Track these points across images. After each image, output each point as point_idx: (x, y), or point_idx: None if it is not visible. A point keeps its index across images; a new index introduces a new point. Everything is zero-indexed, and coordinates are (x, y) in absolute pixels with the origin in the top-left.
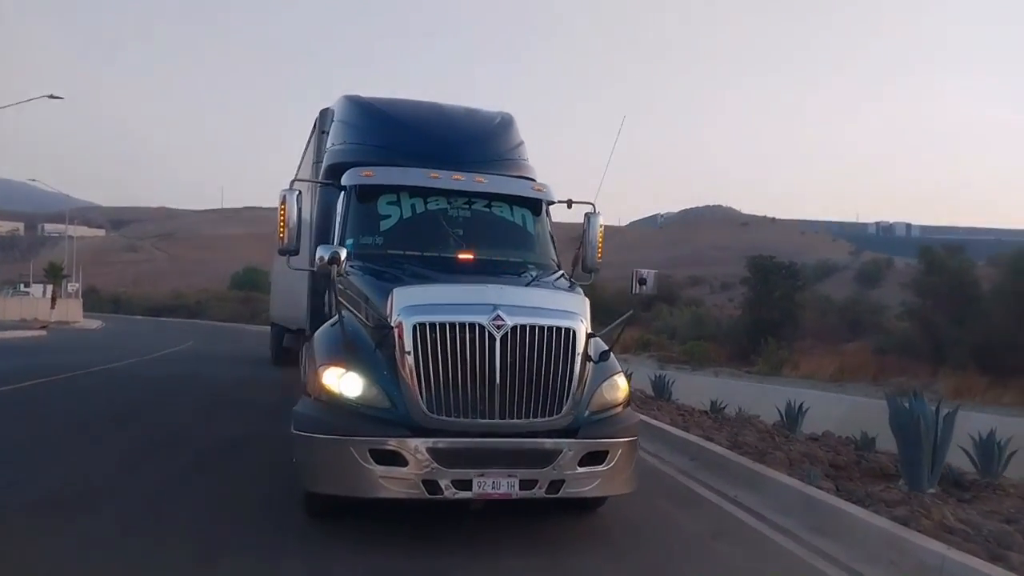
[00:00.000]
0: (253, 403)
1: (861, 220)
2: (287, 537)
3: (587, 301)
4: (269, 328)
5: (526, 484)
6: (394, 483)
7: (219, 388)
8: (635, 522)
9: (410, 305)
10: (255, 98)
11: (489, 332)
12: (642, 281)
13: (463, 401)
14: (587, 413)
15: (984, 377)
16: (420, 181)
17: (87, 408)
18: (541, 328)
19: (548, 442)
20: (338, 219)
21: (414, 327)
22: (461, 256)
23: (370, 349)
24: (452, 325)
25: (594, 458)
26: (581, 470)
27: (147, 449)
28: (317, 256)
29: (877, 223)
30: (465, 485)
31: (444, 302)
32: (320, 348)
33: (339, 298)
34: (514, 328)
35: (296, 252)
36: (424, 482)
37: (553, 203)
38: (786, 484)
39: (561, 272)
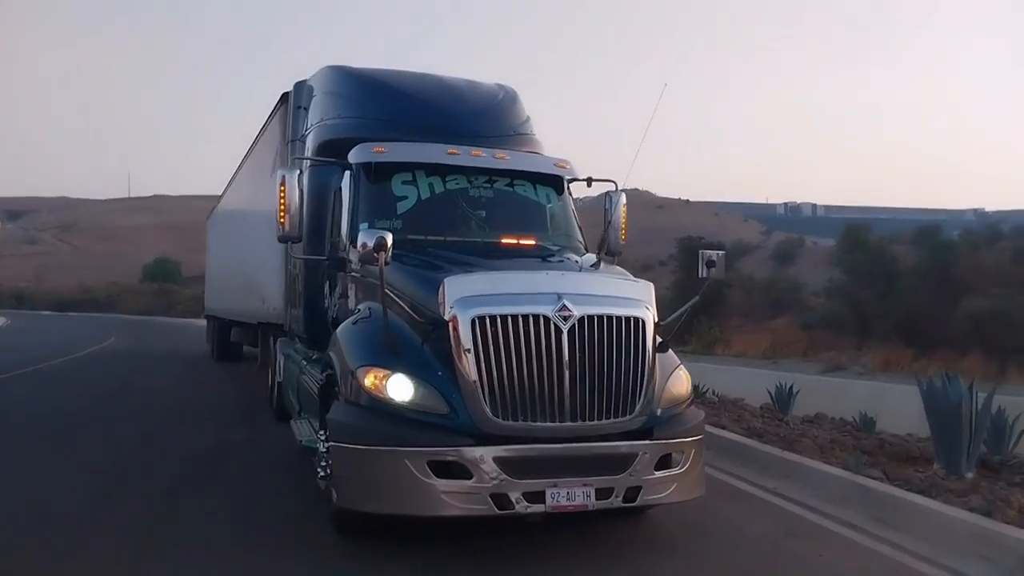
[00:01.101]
0: (211, 407)
1: (770, 201)
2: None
3: (652, 287)
4: (205, 322)
5: (602, 493)
6: (458, 498)
7: (167, 390)
8: (692, 523)
9: (465, 296)
10: (169, 79)
11: (555, 324)
12: (710, 263)
13: (530, 403)
14: (659, 412)
15: (909, 349)
16: (438, 158)
17: (31, 419)
18: (610, 318)
19: (624, 445)
20: (345, 201)
21: (472, 321)
22: (493, 241)
23: (417, 347)
24: (515, 317)
25: (669, 461)
26: (657, 475)
27: (116, 469)
28: (360, 243)
29: (785, 204)
30: (538, 497)
31: (502, 292)
32: (356, 347)
33: (360, 290)
34: (581, 319)
35: (299, 239)
36: (492, 496)
37: (575, 181)
38: (831, 473)
39: (595, 255)
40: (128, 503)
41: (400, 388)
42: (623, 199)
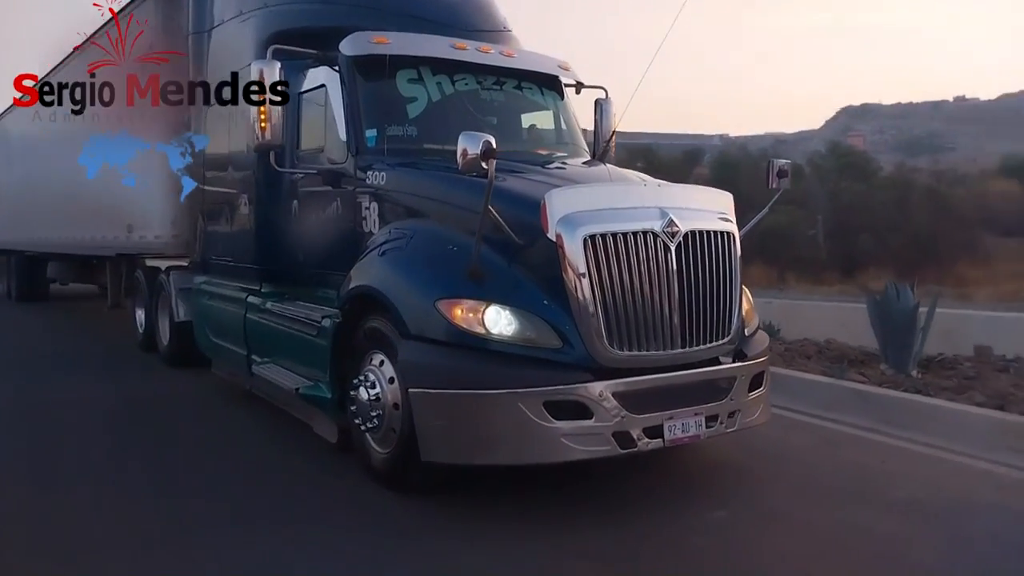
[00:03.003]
0: (69, 354)
1: None
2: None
3: (731, 198)
4: None
5: (710, 421)
6: (580, 440)
7: None
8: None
9: (570, 213)
10: None
11: (663, 241)
12: (781, 173)
13: (644, 330)
14: (746, 332)
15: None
16: (446, 52)
17: None
18: (711, 234)
19: (727, 368)
20: (335, 103)
21: (584, 241)
22: (515, 149)
23: (507, 272)
24: (625, 235)
25: (759, 381)
26: (751, 396)
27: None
28: (460, 149)
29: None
30: (656, 432)
31: (607, 207)
32: (424, 276)
33: (385, 208)
34: (686, 235)
35: (281, 147)
36: (615, 435)
37: (570, 86)
38: (820, 381)
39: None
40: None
41: (501, 321)
42: (613, 107)
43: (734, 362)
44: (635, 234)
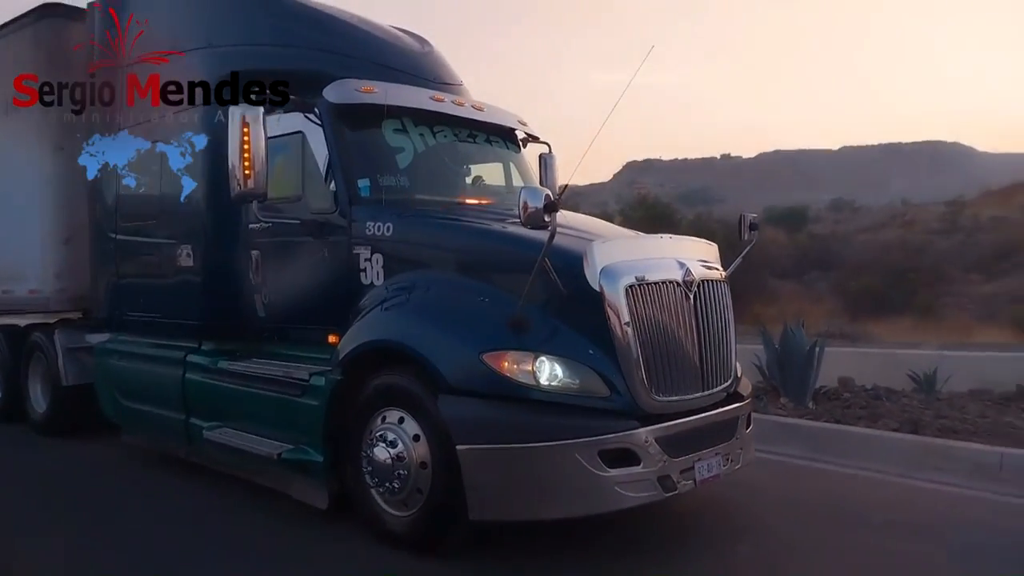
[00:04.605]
0: None
1: None
2: None
3: (717, 248)
4: None
5: (726, 459)
6: (631, 487)
7: None
8: None
9: (611, 264)
10: None
11: (683, 290)
12: (752, 226)
13: (677, 376)
14: (739, 373)
15: None
16: (427, 104)
17: None
18: (714, 282)
19: (735, 409)
20: (316, 152)
21: (626, 290)
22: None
23: (545, 322)
24: (658, 285)
25: (747, 421)
26: (747, 433)
27: None
28: (522, 202)
29: None
30: (688, 473)
31: (639, 258)
32: (460, 328)
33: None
34: (699, 284)
35: (264, 197)
36: (659, 479)
37: (528, 140)
38: None
39: None
40: None
41: (551, 371)
42: (556, 161)
43: (734, 403)
44: (664, 283)
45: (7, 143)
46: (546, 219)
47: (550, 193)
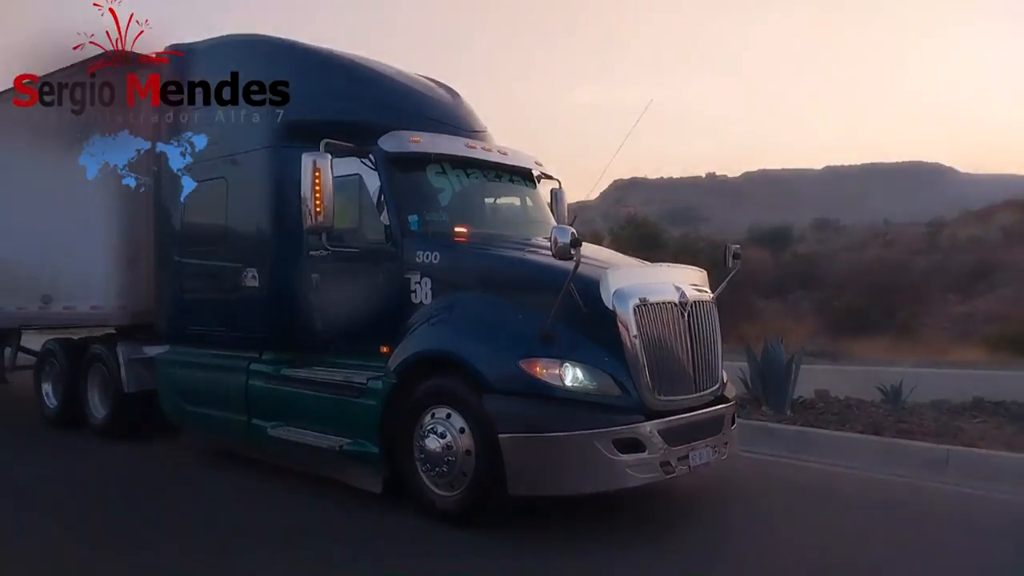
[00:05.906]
0: None
1: None
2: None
3: (706, 273)
4: None
5: (715, 450)
6: (639, 469)
7: None
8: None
9: (621, 287)
10: None
11: (679, 309)
12: (736, 255)
13: (674, 379)
14: (725, 379)
15: None
16: (462, 151)
17: None
18: (704, 303)
19: (723, 408)
20: (372, 191)
21: (635, 309)
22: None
23: (571, 335)
24: (658, 305)
25: (732, 419)
26: (732, 430)
27: None
28: (554, 237)
29: None
30: (684, 460)
31: (642, 282)
32: (501, 339)
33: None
34: (692, 304)
35: (332, 229)
36: (661, 464)
37: (542, 178)
38: None
39: None
40: None
41: (574, 375)
42: (565, 196)
43: (721, 404)
44: (663, 304)
45: (76, 174)
46: (572, 252)
47: (574, 232)
